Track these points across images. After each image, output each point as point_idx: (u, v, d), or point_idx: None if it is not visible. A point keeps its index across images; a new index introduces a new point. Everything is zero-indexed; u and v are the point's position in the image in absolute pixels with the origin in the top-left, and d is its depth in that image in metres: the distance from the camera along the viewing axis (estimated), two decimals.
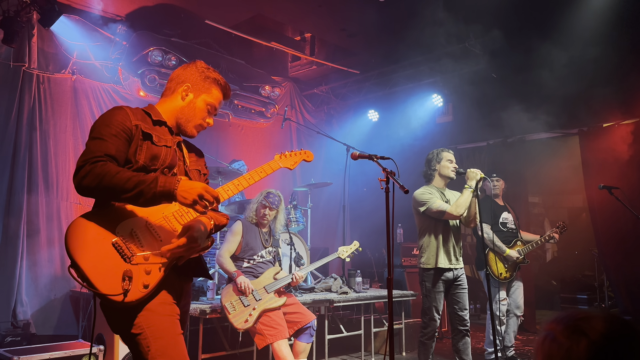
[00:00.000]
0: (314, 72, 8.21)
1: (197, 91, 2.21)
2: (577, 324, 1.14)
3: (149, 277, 1.90)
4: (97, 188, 1.84)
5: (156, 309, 1.91)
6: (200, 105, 2.21)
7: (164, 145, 2.09)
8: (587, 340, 1.10)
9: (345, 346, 5.94)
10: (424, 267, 4.25)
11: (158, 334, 1.88)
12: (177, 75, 2.23)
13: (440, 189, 4.38)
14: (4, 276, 5.20)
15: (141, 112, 2.12)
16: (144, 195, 1.85)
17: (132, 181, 1.84)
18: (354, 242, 4.96)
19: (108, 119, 2.01)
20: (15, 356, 3.54)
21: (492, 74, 6.69)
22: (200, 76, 2.21)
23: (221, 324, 4.73)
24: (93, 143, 1.93)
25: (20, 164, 5.44)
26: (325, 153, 8.44)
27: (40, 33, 5.72)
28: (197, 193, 1.87)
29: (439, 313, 4.21)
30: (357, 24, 6.66)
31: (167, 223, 2.02)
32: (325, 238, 8.07)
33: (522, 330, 5.96)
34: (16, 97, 5.51)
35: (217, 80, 2.24)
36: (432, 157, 4.44)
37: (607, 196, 5.15)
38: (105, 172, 1.83)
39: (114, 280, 1.85)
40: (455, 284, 4.26)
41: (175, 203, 1.99)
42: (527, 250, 5.27)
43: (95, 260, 1.85)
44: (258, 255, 4.40)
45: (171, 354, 1.89)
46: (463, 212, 4.11)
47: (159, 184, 1.86)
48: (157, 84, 6.31)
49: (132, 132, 2.01)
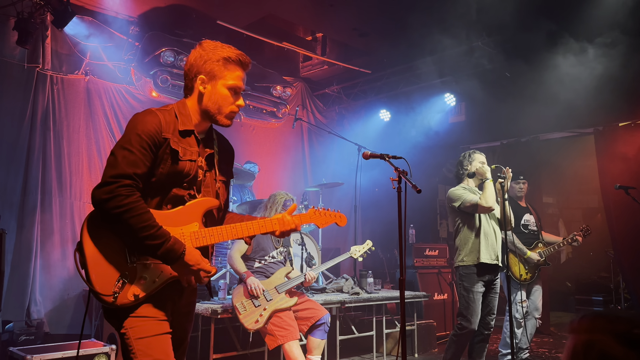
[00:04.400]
0: (325, 72, 8.19)
1: (213, 79, 2.08)
2: (637, 333, 0.98)
3: (143, 286, 1.91)
4: (114, 215, 1.83)
5: (141, 311, 1.93)
6: (223, 91, 2.08)
7: (189, 160, 2.04)
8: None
9: (356, 347, 5.91)
10: (464, 265, 4.21)
11: (139, 334, 1.90)
12: (189, 69, 2.11)
13: (471, 189, 4.40)
14: (18, 275, 5.25)
15: (173, 118, 2.04)
16: (149, 251, 1.89)
17: (146, 231, 1.85)
18: (366, 242, 4.93)
19: (140, 126, 1.94)
20: (29, 355, 3.56)
21: (505, 73, 6.61)
22: (210, 61, 2.07)
23: (232, 324, 4.72)
24: (122, 155, 1.89)
25: (34, 165, 5.49)
26: (337, 153, 8.42)
27: (53, 34, 5.77)
28: (197, 269, 1.94)
29: (477, 315, 4.14)
30: (368, 24, 6.63)
31: (183, 241, 2.00)
32: (337, 238, 8.04)
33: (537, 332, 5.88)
34: (30, 98, 5.56)
35: (229, 58, 2.08)
36: (463, 158, 4.48)
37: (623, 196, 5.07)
38: (131, 206, 1.83)
39: (109, 279, 1.88)
40: (492, 286, 4.24)
41: (196, 223, 2.02)
42: (549, 252, 5.21)
43: (101, 252, 1.89)
44: (269, 256, 4.39)
45: (152, 353, 1.89)
46: (492, 203, 4.10)
47: (166, 247, 1.87)
48: (169, 84, 6.33)
49: (161, 145, 1.97)
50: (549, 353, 6.07)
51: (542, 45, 6.02)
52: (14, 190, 5.38)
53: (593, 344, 1.00)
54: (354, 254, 4.83)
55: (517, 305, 5.12)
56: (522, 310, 5.15)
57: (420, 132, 7.93)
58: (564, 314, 8.88)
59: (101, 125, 6.11)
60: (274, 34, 7.08)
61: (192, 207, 2.06)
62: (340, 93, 8.62)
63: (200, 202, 2.07)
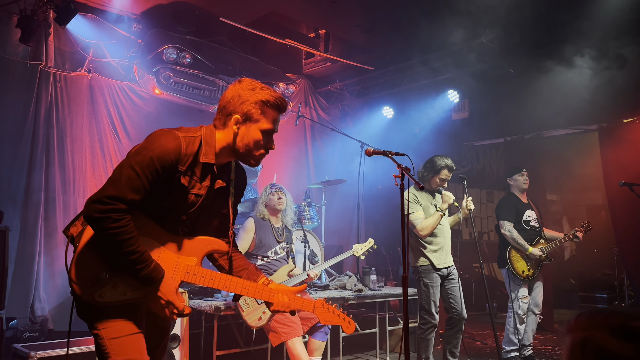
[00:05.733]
0: (328, 68, 8.16)
1: (249, 121, 2.03)
2: (630, 325, 0.97)
3: (112, 293, 1.92)
4: (102, 235, 1.85)
5: (113, 313, 1.93)
6: (256, 135, 2.04)
7: (195, 194, 2.02)
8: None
9: (360, 344, 5.91)
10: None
11: (112, 335, 1.91)
12: (225, 105, 2.05)
13: (430, 192, 4.63)
14: (22, 273, 5.26)
15: (196, 147, 1.99)
16: (130, 273, 1.90)
17: (130, 255, 1.86)
18: (368, 240, 4.92)
19: (159, 151, 1.89)
20: (32, 352, 3.57)
21: (509, 69, 6.58)
22: (247, 102, 2.01)
23: (236, 321, 4.73)
24: (128, 176, 1.86)
25: (37, 162, 5.50)
26: (340, 150, 8.41)
27: (56, 32, 5.77)
28: (166, 300, 1.94)
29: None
30: (371, 20, 6.61)
31: (174, 271, 2.01)
32: (340, 236, 8.04)
33: (540, 329, 5.89)
34: (33, 96, 5.56)
35: (268, 102, 2.02)
36: (431, 164, 4.56)
37: (627, 193, 5.05)
38: (119, 231, 1.83)
39: (87, 273, 1.92)
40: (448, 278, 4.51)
41: (195, 258, 2.03)
42: (551, 248, 5.22)
43: (92, 247, 1.94)
44: (272, 252, 4.39)
45: (126, 352, 1.90)
46: (428, 233, 4.36)
47: (145, 271, 1.88)
48: (172, 81, 6.32)
49: (172, 175, 1.95)
50: (552, 350, 6.05)
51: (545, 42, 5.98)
52: (18, 187, 5.39)
53: (589, 341, 1.00)
54: (356, 252, 4.83)
55: (519, 301, 5.12)
56: (525, 306, 5.15)
57: (424, 129, 7.91)
58: (568, 311, 8.86)
59: (104, 122, 6.12)
60: (277, 31, 7.06)
61: (200, 241, 2.08)
62: (343, 90, 8.60)
63: (211, 241, 2.09)
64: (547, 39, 5.92)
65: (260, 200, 4.57)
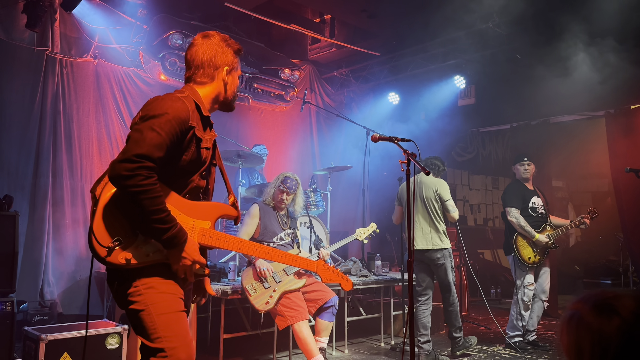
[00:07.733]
0: (334, 54, 8.12)
1: (233, 70, 2.27)
2: (608, 302, 1.09)
3: (136, 254, 1.94)
4: (130, 193, 1.84)
5: (159, 287, 1.97)
6: (237, 81, 2.31)
7: (205, 148, 2.11)
8: (619, 319, 1.06)
9: (364, 329, 5.97)
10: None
11: (161, 310, 1.94)
12: (211, 59, 2.19)
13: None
14: (31, 257, 5.33)
15: (194, 106, 2.09)
16: (154, 234, 1.92)
17: (157, 215, 1.87)
18: (371, 224, 4.96)
19: (173, 112, 1.96)
20: (43, 334, 3.63)
21: (516, 55, 6.53)
22: (229, 53, 2.23)
23: (242, 305, 4.79)
24: (151, 136, 1.89)
25: (45, 148, 5.54)
26: (345, 136, 8.40)
27: (62, 17, 5.76)
28: (192, 260, 1.99)
29: None
30: (377, 5, 6.55)
31: (191, 234, 2.05)
32: (345, 222, 8.07)
33: (544, 315, 5.92)
34: (40, 82, 5.58)
35: (239, 50, 2.28)
36: (442, 162, 5.23)
37: (633, 179, 5.04)
38: (148, 188, 1.84)
39: (109, 233, 1.93)
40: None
41: (208, 222, 2.10)
42: (557, 235, 5.23)
43: (113, 208, 1.95)
44: (277, 237, 4.42)
45: (175, 329, 1.94)
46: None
47: (172, 232, 1.91)
48: (178, 67, 6.32)
49: (187, 132, 2.02)
50: (556, 336, 6.10)
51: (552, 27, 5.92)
52: (26, 173, 5.43)
53: (575, 313, 1.14)
54: (359, 236, 4.86)
55: (525, 288, 5.15)
56: (531, 293, 5.18)
57: (430, 115, 7.88)
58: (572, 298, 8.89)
59: (110, 108, 6.13)
60: (282, 16, 7.02)
61: (211, 206, 2.17)
62: (349, 76, 8.56)
63: (221, 206, 2.20)
64: (555, 24, 5.86)
65: (270, 188, 4.57)
